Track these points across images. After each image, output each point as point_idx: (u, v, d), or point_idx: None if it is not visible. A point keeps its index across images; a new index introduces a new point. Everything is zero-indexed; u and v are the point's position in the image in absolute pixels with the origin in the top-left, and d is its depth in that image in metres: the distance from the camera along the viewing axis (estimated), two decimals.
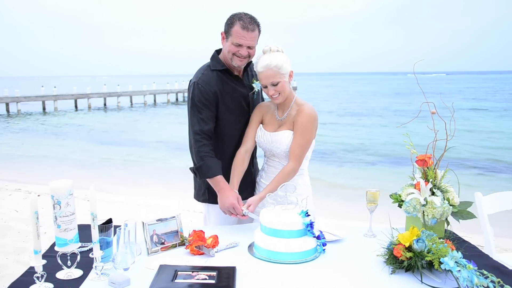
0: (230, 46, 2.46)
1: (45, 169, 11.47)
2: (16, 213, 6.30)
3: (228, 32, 2.47)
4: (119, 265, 1.77)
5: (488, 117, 25.08)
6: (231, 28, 2.44)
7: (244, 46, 2.45)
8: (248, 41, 2.44)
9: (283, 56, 2.42)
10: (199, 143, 2.47)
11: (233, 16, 2.47)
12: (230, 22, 2.46)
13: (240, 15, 2.46)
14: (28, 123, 24.63)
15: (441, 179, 2.22)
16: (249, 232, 2.27)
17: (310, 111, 2.48)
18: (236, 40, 2.43)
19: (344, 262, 1.98)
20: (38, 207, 1.67)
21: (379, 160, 12.70)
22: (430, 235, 1.90)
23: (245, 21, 2.43)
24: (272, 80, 2.40)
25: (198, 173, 2.51)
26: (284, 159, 2.53)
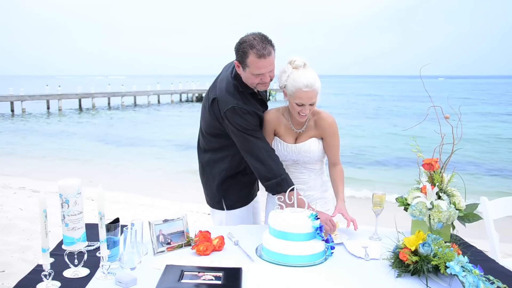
0: (251, 78, 2.37)
1: (48, 168, 11.51)
2: (20, 211, 6.32)
3: (243, 63, 2.34)
4: (126, 265, 1.79)
5: (490, 122, 25.03)
6: (246, 59, 2.31)
7: (265, 74, 2.36)
8: (268, 67, 2.34)
9: (317, 75, 2.35)
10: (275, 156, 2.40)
11: (243, 45, 2.31)
12: (243, 53, 2.31)
13: (251, 42, 2.29)
14: (32, 121, 24.72)
15: (448, 183, 2.22)
16: (257, 234, 2.27)
17: (332, 118, 2.52)
18: (256, 72, 2.33)
19: (350, 266, 1.98)
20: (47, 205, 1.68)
21: (383, 163, 12.68)
22: (436, 239, 1.90)
23: (259, 48, 2.27)
24: (313, 101, 2.34)
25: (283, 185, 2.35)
26: (311, 163, 2.57)
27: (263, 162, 2.37)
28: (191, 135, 18.98)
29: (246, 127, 2.38)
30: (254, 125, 2.41)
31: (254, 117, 2.42)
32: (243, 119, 2.37)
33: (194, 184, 7.85)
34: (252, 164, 2.43)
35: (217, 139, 2.59)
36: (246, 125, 2.38)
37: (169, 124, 23.70)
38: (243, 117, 2.37)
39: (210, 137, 2.62)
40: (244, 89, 2.46)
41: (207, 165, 2.69)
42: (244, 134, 2.39)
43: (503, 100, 46.77)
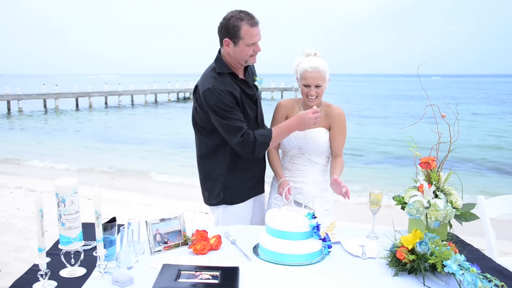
0: (246, 49, 2.44)
1: (45, 167, 11.48)
2: (17, 211, 6.30)
3: (236, 36, 2.41)
4: (123, 264, 1.78)
5: (487, 120, 25.11)
6: (239, 31, 2.39)
7: (257, 43, 2.47)
8: (259, 36, 2.46)
9: (326, 64, 2.57)
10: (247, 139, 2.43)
11: (231, 20, 2.40)
12: (234, 27, 2.39)
13: (239, 15, 2.41)
14: (29, 121, 24.64)
15: (445, 181, 2.22)
16: (254, 233, 2.27)
17: (342, 110, 2.68)
18: (250, 41, 2.42)
19: (347, 264, 1.98)
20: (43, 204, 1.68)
21: (380, 162, 12.70)
22: (433, 237, 1.90)
23: (249, 18, 2.41)
24: (318, 83, 2.53)
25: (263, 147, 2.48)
26: (316, 155, 2.67)
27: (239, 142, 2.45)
28: (188, 134, 18.98)
29: (222, 107, 2.42)
30: (230, 104, 2.44)
31: (229, 97, 2.46)
32: (218, 99, 2.42)
33: (191, 182, 7.83)
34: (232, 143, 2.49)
35: (210, 134, 2.59)
36: (222, 105, 2.42)
37: (166, 122, 23.67)
38: (219, 97, 2.42)
39: (203, 131, 2.62)
40: (223, 69, 2.52)
41: (205, 160, 2.67)
42: (220, 115, 2.43)
43: (497, 99, 46.89)
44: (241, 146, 2.46)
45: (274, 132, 2.51)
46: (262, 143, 2.46)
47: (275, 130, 2.52)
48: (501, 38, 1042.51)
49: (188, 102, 39.66)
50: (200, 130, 2.63)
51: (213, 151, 2.62)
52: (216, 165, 2.63)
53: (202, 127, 2.60)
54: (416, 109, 31.15)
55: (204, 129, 2.60)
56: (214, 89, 2.43)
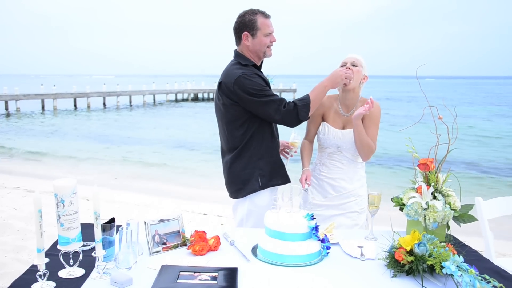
0: (264, 39, 2.61)
1: (43, 168, 11.46)
2: (15, 211, 6.29)
3: (254, 28, 2.59)
4: (121, 265, 1.78)
5: (486, 122, 25.17)
6: (255, 23, 2.58)
7: (272, 33, 2.64)
8: (273, 27, 2.64)
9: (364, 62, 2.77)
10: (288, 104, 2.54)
11: (247, 15, 2.60)
12: (251, 19, 2.58)
13: (253, 10, 2.60)
14: (27, 121, 24.61)
15: (443, 183, 2.22)
16: (253, 234, 2.27)
17: (378, 104, 2.71)
18: (267, 30, 2.60)
19: (346, 265, 1.99)
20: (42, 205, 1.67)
21: (379, 163, 12.71)
22: (431, 239, 1.90)
23: (263, 11, 2.61)
24: (354, 61, 2.71)
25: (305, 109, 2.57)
26: (354, 153, 2.76)
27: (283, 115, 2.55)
28: (186, 135, 18.97)
29: (259, 89, 2.53)
30: (264, 85, 2.57)
31: (261, 80, 2.58)
32: (253, 82, 2.53)
33: (190, 184, 7.82)
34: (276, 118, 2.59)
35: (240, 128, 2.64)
36: (258, 87, 2.53)
37: (164, 123, 23.66)
38: (253, 80, 2.53)
39: (236, 125, 2.65)
40: (247, 62, 2.64)
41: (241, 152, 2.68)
42: (258, 95, 2.52)
43: (487, 101, 47.00)
44: (286, 116, 2.55)
45: (311, 94, 2.61)
46: (303, 105, 2.56)
47: (311, 93, 2.62)
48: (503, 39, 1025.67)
49: (186, 103, 39.62)
50: (233, 125, 2.67)
51: (248, 141, 2.66)
52: (252, 154, 2.67)
53: (234, 121, 2.65)
54: (415, 110, 31.20)
55: (237, 122, 2.65)
56: (246, 74, 2.54)
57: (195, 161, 12.40)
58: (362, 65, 2.73)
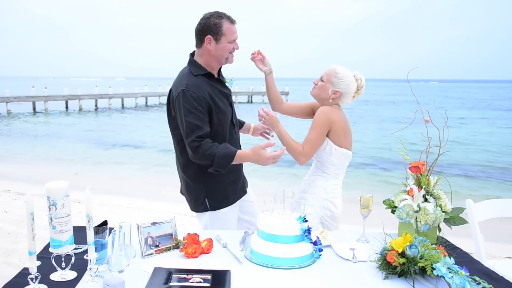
0: (228, 46, 2.52)
1: (33, 170, 11.37)
2: (5, 214, 6.23)
3: (218, 33, 2.48)
4: (114, 267, 1.78)
5: (480, 125, 25.39)
6: (221, 28, 2.47)
7: (236, 41, 2.55)
8: (237, 34, 2.55)
9: (349, 77, 2.65)
10: (201, 147, 2.41)
11: (212, 18, 2.48)
12: (216, 23, 2.47)
13: (218, 14, 2.49)
14: (17, 123, 24.41)
15: (434, 185, 2.24)
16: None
17: (324, 109, 2.64)
18: (232, 37, 2.51)
19: (338, 268, 1.99)
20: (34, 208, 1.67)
21: (371, 166, 12.77)
22: (422, 241, 1.92)
23: (228, 16, 2.51)
24: (323, 75, 2.68)
25: (221, 168, 2.45)
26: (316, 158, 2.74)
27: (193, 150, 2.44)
28: None
29: (188, 108, 2.42)
30: (197, 107, 2.43)
31: (201, 101, 2.45)
32: (188, 100, 2.43)
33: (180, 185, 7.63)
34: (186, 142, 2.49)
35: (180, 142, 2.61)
36: (190, 106, 2.42)
37: (156, 126, 23.58)
38: (189, 98, 2.43)
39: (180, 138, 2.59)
40: (199, 71, 2.55)
41: (187, 167, 2.64)
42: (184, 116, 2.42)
43: (479, 105, 47.41)
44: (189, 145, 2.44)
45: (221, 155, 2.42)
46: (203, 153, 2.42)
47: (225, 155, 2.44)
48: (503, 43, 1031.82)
49: None
50: (179, 137, 2.60)
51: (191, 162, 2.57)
52: (197, 172, 2.60)
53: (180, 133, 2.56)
54: (409, 113, 31.39)
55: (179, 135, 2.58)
56: (187, 91, 2.44)
57: None
58: (332, 81, 2.63)
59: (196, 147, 2.41)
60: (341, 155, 2.66)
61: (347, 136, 2.69)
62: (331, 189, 2.71)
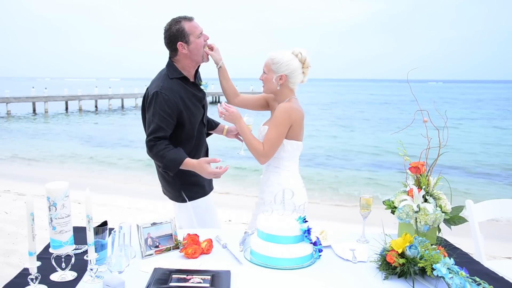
0: (198, 41, 2.61)
1: (33, 171, 11.38)
2: (5, 215, 6.24)
3: (185, 36, 2.58)
4: (114, 268, 1.78)
5: (479, 126, 25.39)
6: (183, 29, 2.57)
7: (203, 32, 2.64)
8: (201, 26, 2.64)
9: (286, 57, 2.58)
10: (156, 146, 2.54)
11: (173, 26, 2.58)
12: (178, 28, 2.57)
13: (176, 20, 2.60)
14: (17, 124, 24.41)
15: (434, 186, 2.24)
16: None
17: (284, 106, 2.59)
18: (197, 32, 2.60)
19: (338, 268, 2.00)
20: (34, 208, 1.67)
21: (371, 166, 12.77)
22: (422, 241, 1.92)
23: (185, 16, 2.61)
24: (264, 68, 2.65)
25: (169, 170, 2.59)
26: None
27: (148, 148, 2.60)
28: None
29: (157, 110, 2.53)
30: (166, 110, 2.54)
31: (171, 105, 2.55)
32: (159, 102, 2.54)
33: None
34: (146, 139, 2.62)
35: None
36: (160, 108, 2.53)
37: None
38: (160, 101, 2.53)
39: None
40: (175, 75, 2.64)
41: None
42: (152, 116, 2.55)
43: (479, 105, 47.44)
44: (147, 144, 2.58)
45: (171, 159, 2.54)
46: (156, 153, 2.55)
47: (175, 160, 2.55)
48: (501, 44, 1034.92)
49: None
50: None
51: None
52: None
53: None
54: (409, 114, 31.41)
55: None
56: (160, 93, 2.55)
57: None
58: (272, 68, 2.60)
59: (152, 146, 2.55)
60: (292, 147, 2.64)
61: (302, 129, 2.68)
62: (285, 182, 2.64)
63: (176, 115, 2.58)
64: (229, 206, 7.36)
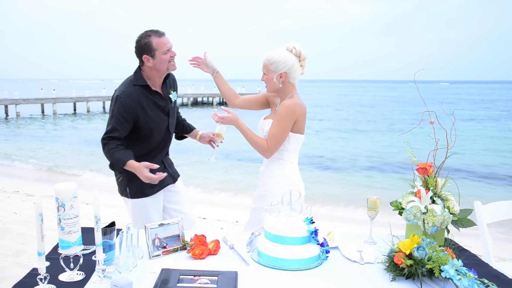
0: (164, 57, 2.71)
1: (42, 172, 11.46)
2: (15, 215, 6.29)
3: (151, 50, 2.69)
4: (122, 268, 1.79)
5: (484, 127, 25.21)
6: (151, 45, 2.68)
7: (171, 49, 2.73)
8: (170, 43, 2.74)
9: (282, 55, 2.63)
10: (108, 145, 2.71)
11: (142, 39, 2.70)
12: (146, 42, 2.69)
13: (146, 33, 2.70)
14: (26, 125, 24.61)
15: (442, 187, 2.23)
16: None
17: (288, 103, 2.66)
18: (164, 48, 2.69)
19: (345, 269, 1.99)
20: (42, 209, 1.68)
21: (379, 167, 12.72)
22: (430, 243, 1.91)
23: (155, 31, 2.71)
24: (263, 69, 2.71)
25: (115, 169, 2.80)
26: None
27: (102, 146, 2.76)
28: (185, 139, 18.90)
29: (113, 113, 2.72)
30: (121, 113, 2.69)
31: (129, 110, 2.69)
32: (116, 106, 2.70)
33: (189, 188, 7.82)
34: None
35: None
36: (115, 111, 2.70)
37: None
38: (118, 105, 2.70)
39: None
40: (139, 82, 2.77)
41: None
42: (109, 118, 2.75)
43: (493, 105, 47.07)
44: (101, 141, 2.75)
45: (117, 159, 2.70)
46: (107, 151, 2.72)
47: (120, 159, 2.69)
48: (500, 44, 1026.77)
49: (186, 108, 39.65)
50: None
51: None
52: None
53: None
54: (414, 114, 31.26)
55: None
56: (120, 97, 2.71)
57: (193, 166, 12.40)
58: (271, 69, 2.65)
59: (104, 144, 2.73)
60: (296, 140, 2.71)
61: (304, 123, 2.74)
62: (290, 174, 2.73)
63: (133, 120, 2.72)
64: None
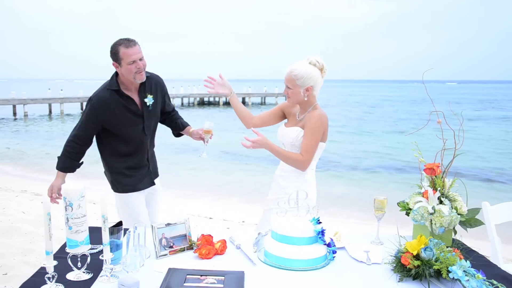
0: (129, 67, 2.76)
1: (50, 172, 11.50)
2: (23, 214, 6.33)
3: (117, 59, 2.76)
4: (129, 268, 1.79)
5: (491, 126, 25.03)
6: (118, 54, 2.75)
7: (137, 60, 2.76)
8: (137, 55, 2.76)
9: (308, 70, 2.64)
10: (69, 144, 2.89)
11: (113, 47, 2.78)
12: (114, 51, 2.77)
13: (118, 42, 2.78)
14: (34, 125, 24.78)
15: (449, 188, 2.22)
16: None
17: (319, 115, 2.68)
18: (129, 59, 2.74)
19: (352, 270, 1.99)
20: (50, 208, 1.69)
21: (385, 168, 12.67)
22: (438, 243, 1.90)
23: (125, 41, 2.77)
24: (287, 84, 2.70)
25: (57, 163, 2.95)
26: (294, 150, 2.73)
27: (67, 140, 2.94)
28: (191, 139, 18.94)
29: (83, 114, 2.88)
30: (91, 117, 2.85)
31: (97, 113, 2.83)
32: (87, 107, 2.86)
33: (195, 188, 7.82)
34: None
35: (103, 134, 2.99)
36: (85, 112, 2.87)
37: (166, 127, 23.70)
38: (89, 107, 2.85)
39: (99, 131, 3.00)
40: (112, 86, 2.86)
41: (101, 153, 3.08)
42: (81, 116, 2.92)
43: (495, 104, 46.75)
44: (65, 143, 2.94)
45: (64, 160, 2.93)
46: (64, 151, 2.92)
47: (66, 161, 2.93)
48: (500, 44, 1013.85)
49: (192, 108, 39.75)
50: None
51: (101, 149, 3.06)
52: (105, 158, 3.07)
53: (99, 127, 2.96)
54: (421, 114, 31.09)
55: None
56: (95, 98, 2.85)
57: (200, 166, 12.42)
58: (298, 84, 2.65)
59: (68, 141, 2.91)
60: (320, 148, 2.74)
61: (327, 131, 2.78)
62: (310, 180, 2.77)
63: (101, 122, 2.86)
64: None
